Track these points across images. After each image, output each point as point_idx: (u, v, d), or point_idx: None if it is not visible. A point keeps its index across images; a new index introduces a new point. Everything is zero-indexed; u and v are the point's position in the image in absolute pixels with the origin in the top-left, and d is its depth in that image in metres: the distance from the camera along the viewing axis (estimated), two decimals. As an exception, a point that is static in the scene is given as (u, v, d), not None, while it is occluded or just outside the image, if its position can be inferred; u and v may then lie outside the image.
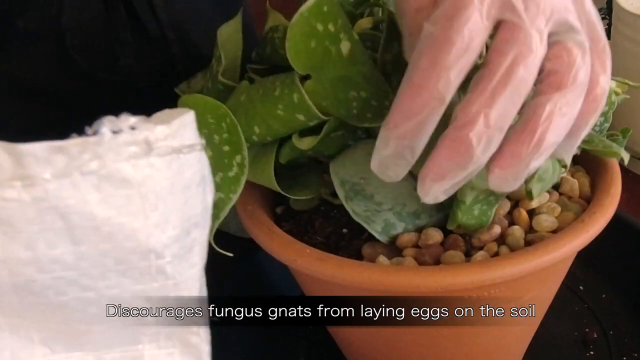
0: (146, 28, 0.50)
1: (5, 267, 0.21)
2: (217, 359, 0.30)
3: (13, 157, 0.20)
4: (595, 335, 0.48)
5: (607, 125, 0.41)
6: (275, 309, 0.54)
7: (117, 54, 0.48)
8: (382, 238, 0.35)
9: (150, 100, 0.29)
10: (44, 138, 0.20)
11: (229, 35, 0.37)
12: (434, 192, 0.29)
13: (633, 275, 0.52)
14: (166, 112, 0.23)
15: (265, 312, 0.53)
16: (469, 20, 0.26)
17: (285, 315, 0.53)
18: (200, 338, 0.26)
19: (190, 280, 0.24)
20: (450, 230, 0.37)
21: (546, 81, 0.28)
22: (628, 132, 0.40)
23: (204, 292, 0.26)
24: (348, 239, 0.38)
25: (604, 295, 0.52)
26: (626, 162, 0.37)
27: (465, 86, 0.28)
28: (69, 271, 0.22)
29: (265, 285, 0.54)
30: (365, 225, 0.35)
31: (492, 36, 0.28)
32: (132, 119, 0.21)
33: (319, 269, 0.34)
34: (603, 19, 1.38)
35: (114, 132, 0.20)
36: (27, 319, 0.23)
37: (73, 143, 0.20)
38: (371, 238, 0.37)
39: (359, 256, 0.37)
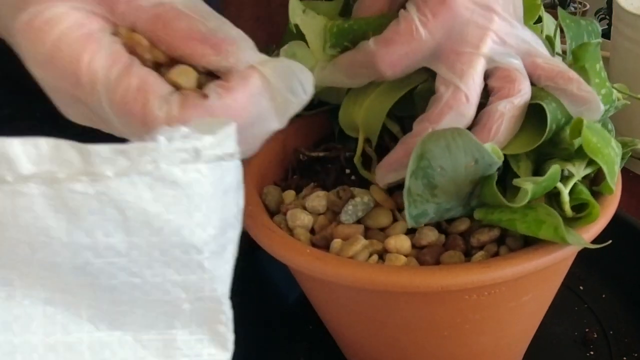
0: None
1: (68, 249, 0.24)
2: (217, 359, 0.30)
3: (82, 155, 0.23)
4: (595, 335, 0.48)
5: (610, 125, 0.41)
6: (275, 309, 0.54)
7: None
8: (410, 223, 0.35)
9: None
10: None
11: None
12: (388, 179, 0.37)
13: (633, 275, 0.52)
14: (206, 120, 0.26)
15: (265, 312, 0.53)
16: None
17: (285, 315, 0.53)
18: (227, 327, 0.28)
19: (224, 275, 0.27)
20: (449, 230, 0.37)
21: (496, 95, 0.36)
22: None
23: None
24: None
25: (604, 295, 0.52)
26: None
27: None
28: (121, 258, 0.25)
29: (265, 285, 0.54)
30: (406, 204, 0.34)
31: None
32: (185, 129, 0.24)
33: (319, 269, 0.34)
34: (603, 19, 1.38)
35: (169, 140, 0.23)
36: (79, 297, 0.26)
37: (134, 147, 0.23)
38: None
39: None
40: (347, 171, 0.43)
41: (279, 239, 0.37)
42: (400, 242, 0.36)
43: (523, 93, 0.36)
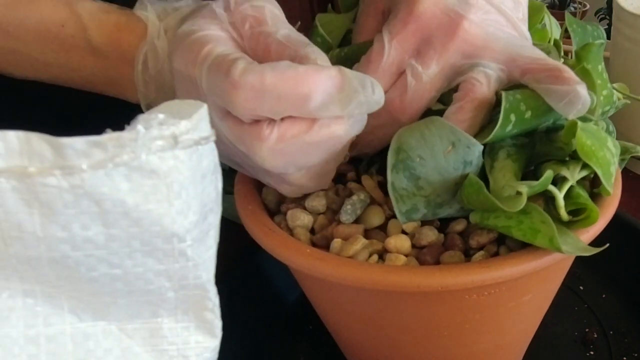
0: None
1: (44, 243, 0.24)
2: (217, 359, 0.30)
3: (54, 148, 0.22)
4: (595, 335, 0.48)
5: (611, 127, 0.41)
6: (275, 309, 0.54)
7: None
8: (402, 219, 0.35)
9: None
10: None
11: None
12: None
13: (633, 275, 0.52)
14: (177, 103, 0.25)
15: (265, 312, 0.53)
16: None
17: (285, 315, 0.53)
18: (214, 314, 0.28)
19: (207, 261, 0.27)
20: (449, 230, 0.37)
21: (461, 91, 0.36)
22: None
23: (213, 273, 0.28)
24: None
25: (604, 295, 0.52)
26: None
27: None
28: (100, 250, 0.24)
29: (265, 285, 0.54)
30: (394, 201, 0.35)
31: None
32: (161, 116, 0.23)
33: (319, 269, 0.34)
34: (603, 19, 1.38)
35: (146, 128, 0.23)
36: (59, 289, 0.26)
37: (109, 138, 0.22)
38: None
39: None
40: (347, 171, 0.43)
41: (279, 239, 0.37)
42: (400, 242, 0.36)
43: (474, 99, 0.35)
